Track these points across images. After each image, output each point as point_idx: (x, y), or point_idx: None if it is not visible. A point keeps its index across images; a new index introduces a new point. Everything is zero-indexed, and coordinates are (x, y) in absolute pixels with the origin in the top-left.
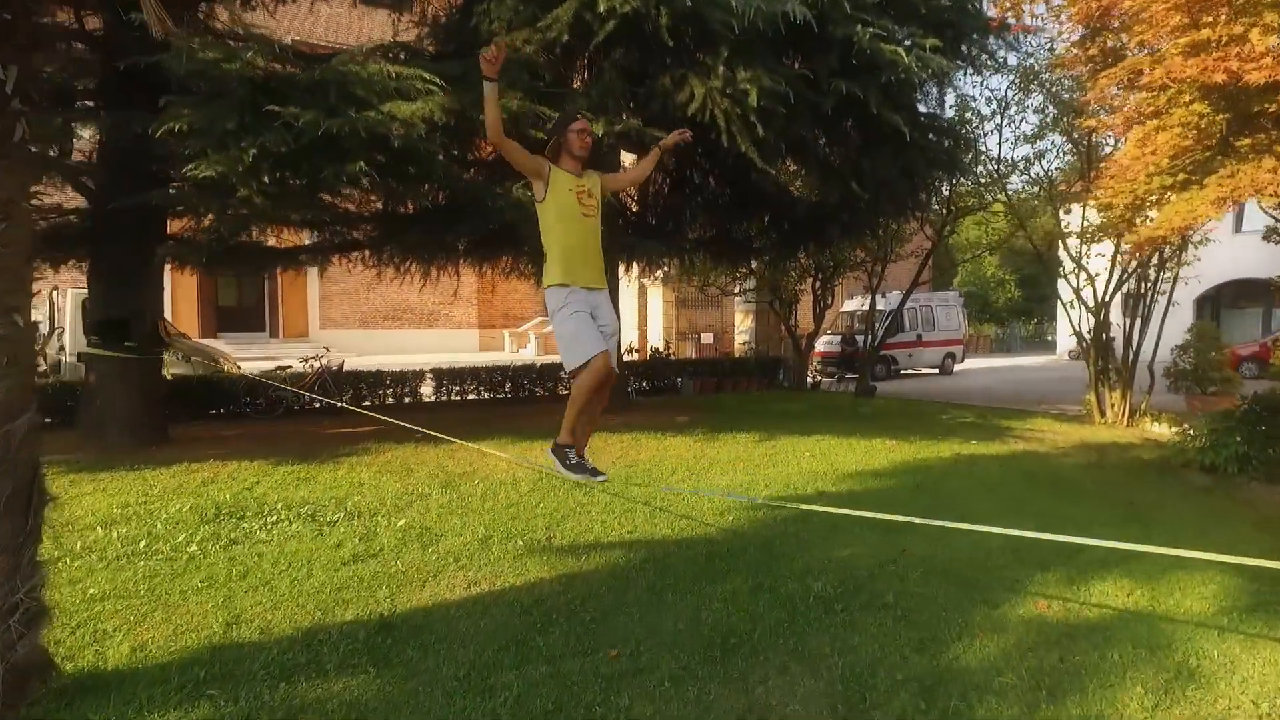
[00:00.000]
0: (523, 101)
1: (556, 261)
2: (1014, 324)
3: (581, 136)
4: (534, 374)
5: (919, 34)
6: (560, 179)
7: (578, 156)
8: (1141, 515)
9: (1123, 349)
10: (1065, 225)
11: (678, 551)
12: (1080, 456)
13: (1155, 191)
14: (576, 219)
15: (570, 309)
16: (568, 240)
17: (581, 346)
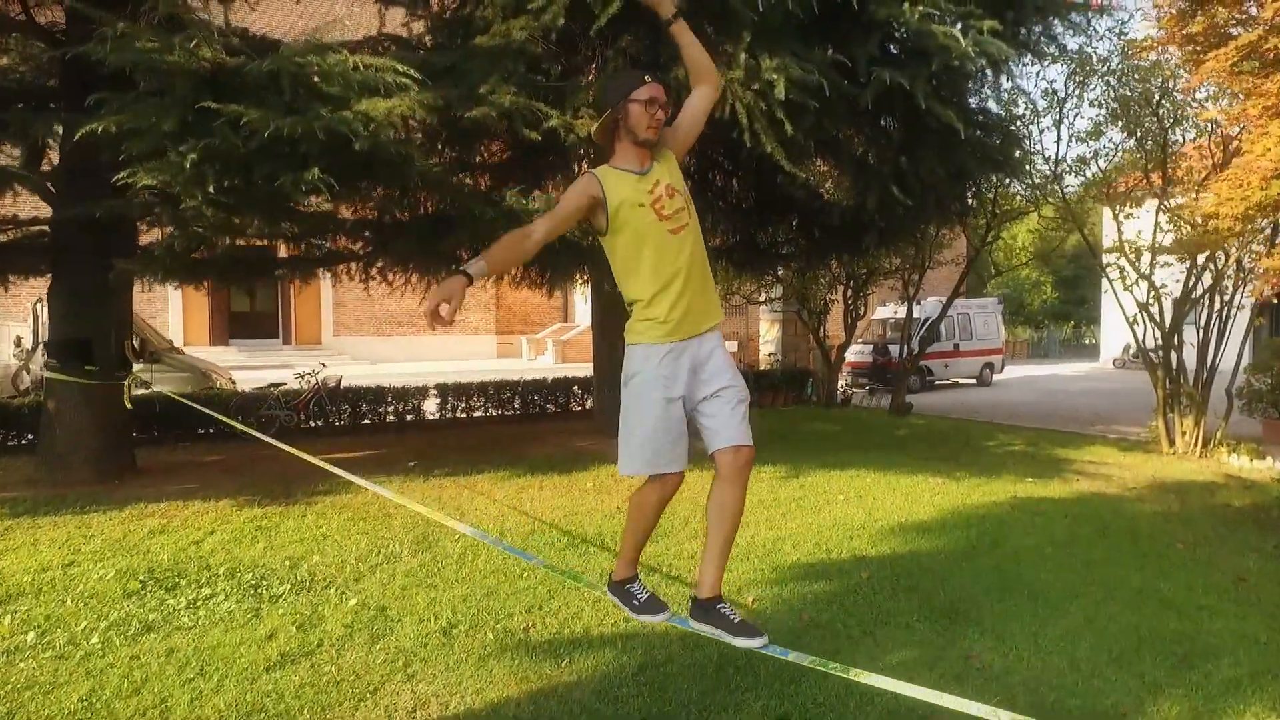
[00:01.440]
0: (517, 97)
1: (642, 309)
2: (1051, 328)
3: (651, 110)
4: (544, 390)
5: (975, 14)
6: (622, 189)
7: (643, 141)
8: (1260, 599)
9: (1195, 369)
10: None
11: (682, 654)
12: (1157, 501)
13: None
14: (664, 241)
15: (650, 387)
16: (659, 276)
17: (652, 452)
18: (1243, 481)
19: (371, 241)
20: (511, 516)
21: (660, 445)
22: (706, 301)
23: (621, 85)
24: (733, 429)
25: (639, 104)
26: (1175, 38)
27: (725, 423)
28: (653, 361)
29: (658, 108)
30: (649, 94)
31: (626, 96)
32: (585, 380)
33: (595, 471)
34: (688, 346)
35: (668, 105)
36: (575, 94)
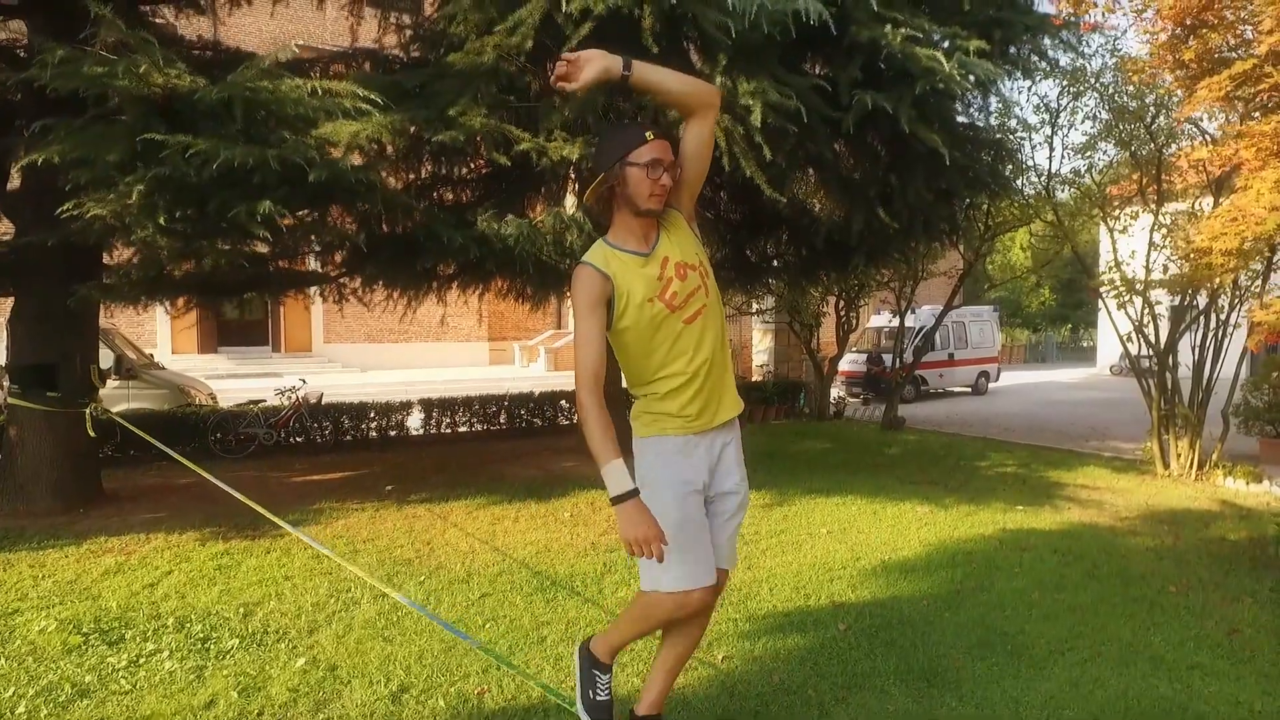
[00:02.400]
0: (487, 119)
1: (655, 401)
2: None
3: (654, 175)
4: (531, 404)
5: (961, 35)
6: (627, 279)
7: (645, 213)
8: (1254, 656)
9: (1191, 389)
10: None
11: None
12: (1151, 534)
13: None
14: (678, 334)
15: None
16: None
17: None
18: (1239, 510)
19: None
20: (482, 553)
21: (693, 554)
22: (726, 391)
23: (617, 144)
24: (728, 547)
25: (638, 168)
26: (1167, 63)
27: (723, 541)
28: (671, 455)
29: (662, 171)
30: (651, 155)
31: (622, 158)
32: (573, 394)
33: (574, 499)
34: (705, 439)
35: (677, 166)
36: (549, 115)
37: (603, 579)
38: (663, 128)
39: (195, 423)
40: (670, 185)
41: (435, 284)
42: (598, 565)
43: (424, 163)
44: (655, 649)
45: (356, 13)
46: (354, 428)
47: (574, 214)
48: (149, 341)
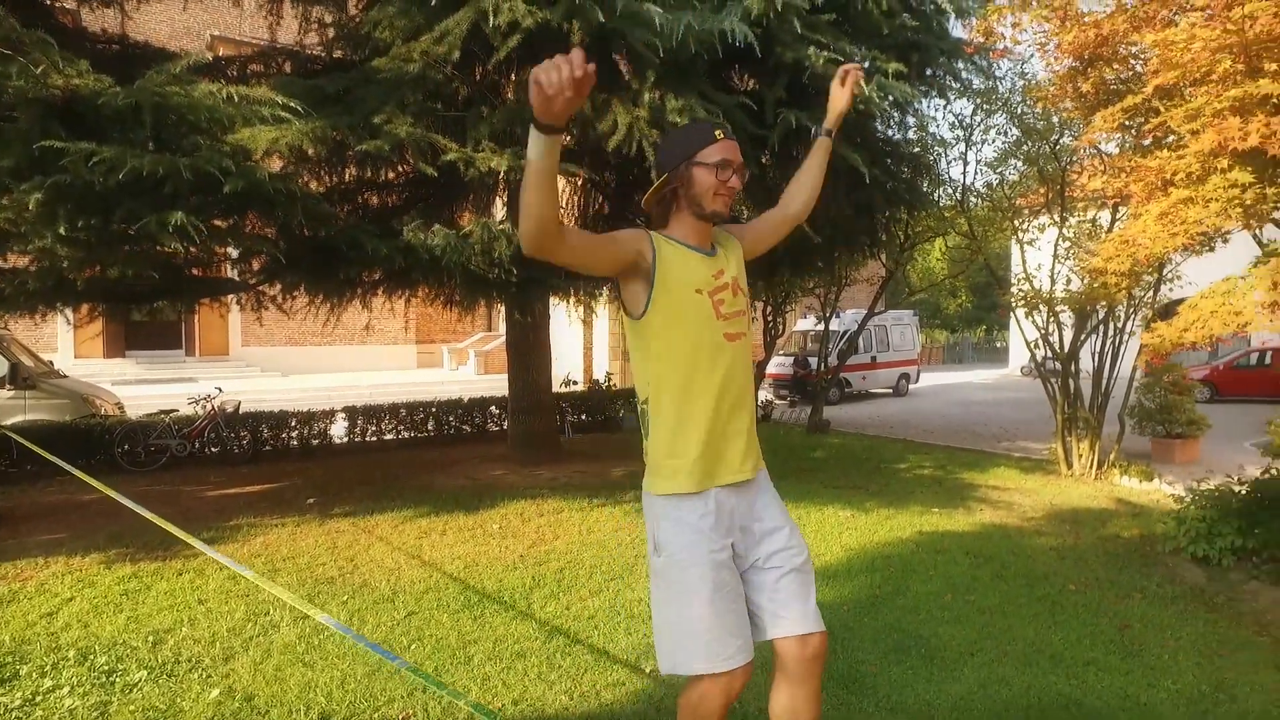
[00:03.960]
0: (414, 128)
1: (669, 432)
2: (965, 333)
3: (724, 175)
4: (460, 410)
5: (880, 58)
6: (679, 264)
7: (707, 216)
8: (1142, 650)
9: (1091, 393)
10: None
11: None
12: (1054, 533)
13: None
14: (716, 346)
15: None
16: (697, 390)
17: (710, 642)
18: (1132, 507)
19: (262, 270)
20: (408, 569)
21: (719, 631)
22: (752, 433)
23: (683, 142)
24: (798, 609)
25: (706, 168)
26: (1067, 92)
27: (787, 601)
28: (687, 519)
29: (731, 172)
30: (721, 154)
31: (690, 158)
32: (502, 400)
33: (503, 510)
34: (735, 494)
35: (744, 169)
36: (477, 124)
37: (531, 593)
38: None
39: (100, 434)
40: (737, 189)
41: (360, 291)
42: (527, 579)
43: (348, 167)
44: None
45: (276, 11)
46: (274, 437)
47: (503, 225)
48: (48, 346)
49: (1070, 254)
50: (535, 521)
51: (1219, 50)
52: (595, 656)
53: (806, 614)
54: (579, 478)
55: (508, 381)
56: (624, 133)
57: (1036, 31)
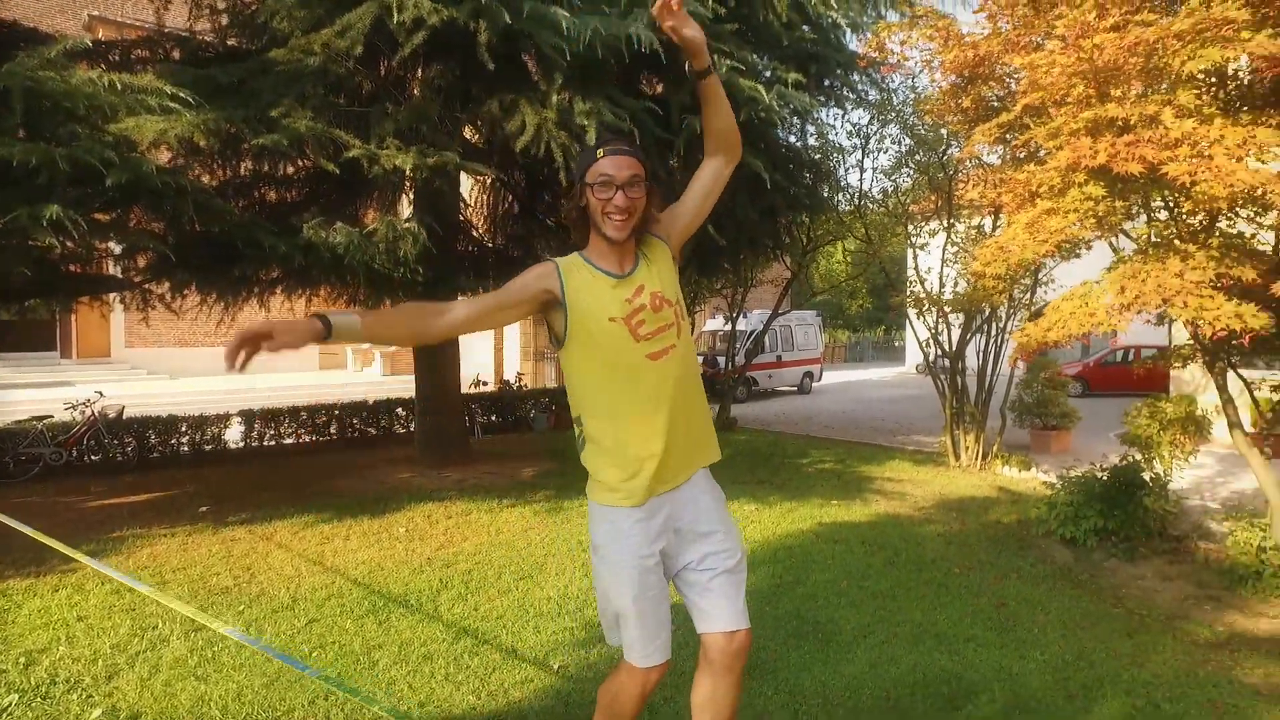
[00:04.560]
0: (314, 123)
1: (603, 454)
2: (865, 332)
3: (605, 195)
4: (365, 412)
5: (781, 68)
6: (589, 293)
7: (612, 238)
8: (1015, 625)
9: (976, 388)
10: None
11: None
12: (942, 521)
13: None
14: (639, 370)
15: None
16: (624, 416)
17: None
18: (1012, 495)
19: (149, 267)
20: (309, 575)
21: (640, 631)
22: (694, 440)
23: (581, 164)
24: (726, 607)
25: (590, 189)
26: (950, 107)
27: (717, 599)
28: (622, 526)
29: (614, 190)
30: (600, 174)
31: (582, 179)
32: (409, 401)
33: (410, 512)
34: (670, 499)
35: (640, 184)
36: (381, 121)
37: (439, 595)
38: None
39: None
40: (626, 206)
41: (257, 290)
42: (434, 581)
43: (243, 160)
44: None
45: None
46: (163, 443)
47: (409, 224)
48: None
49: (957, 258)
50: (443, 524)
51: (1074, 75)
52: (504, 656)
53: (734, 612)
54: (488, 479)
55: (415, 382)
56: (532, 133)
57: (923, 50)
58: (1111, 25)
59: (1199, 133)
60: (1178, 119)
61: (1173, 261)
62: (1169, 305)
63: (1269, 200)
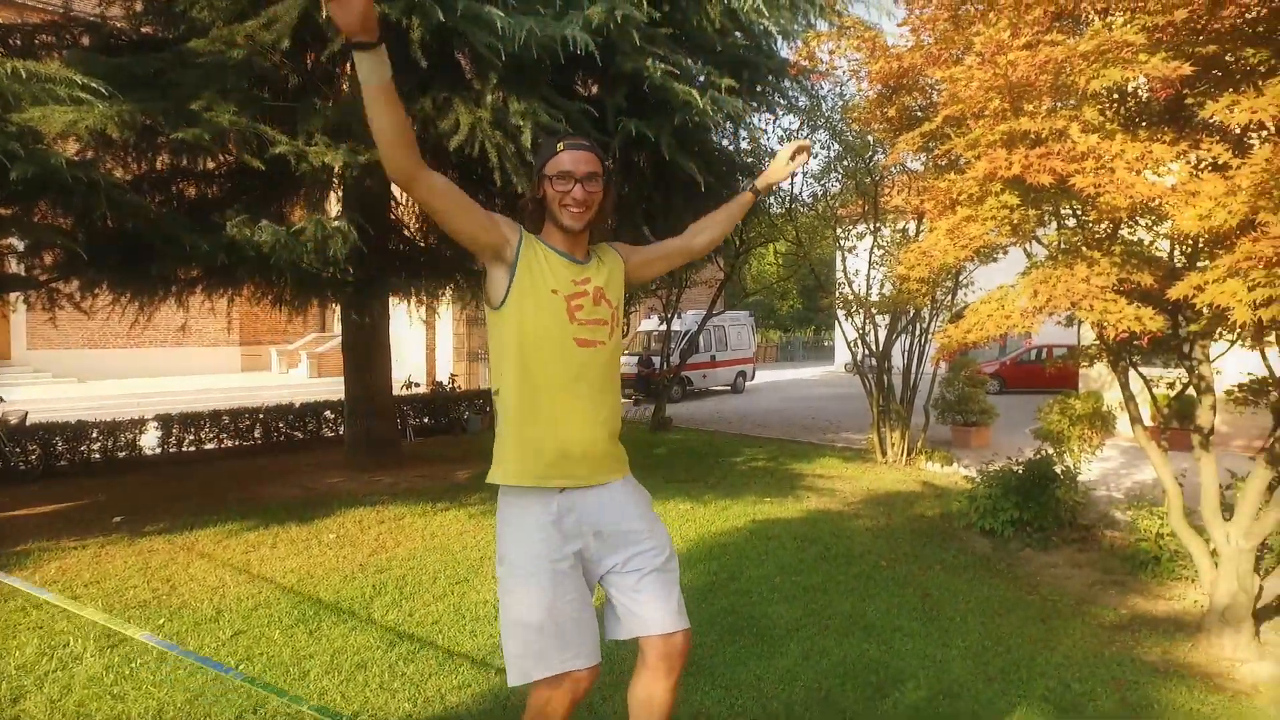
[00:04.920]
0: (238, 117)
1: (518, 437)
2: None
3: (563, 187)
4: (291, 416)
5: (714, 73)
6: (540, 264)
7: (567, 227)
8: (939, 614)
9: (902, 387)
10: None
11: None
12: (870, 516)
13: (954, 265)
14: (564, 348)
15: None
16: (545, 391)
17: (545, 649)
18: (935, 489)
19: (56, 265)
20: (234, 585)
21: (559, 640)
22: (605, 444)
23: (540, 156)
24: (660, 608)
25: (549, 180)
26: (876, 116)
27: (650, 601)
28: (529, 522)
29: (573, 183)
30: (559, 168)
31: (541, 171)
32: (339, 404)
33: (340, 517)
34: (581, 499)
35: (598, 180)
36: (310, 117)
37: (372, 602)
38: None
39: None
40: (583, 199)
41: (174, 289)
42: (366, 588)
43: (160, 154)
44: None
45: None
46: (71, 451)
47: (338, 222)
48: None
49: (884, 261)
50: (375, 529)
51: (990, 90)
52: (440, 660)
53: (669, 613)
54: (421, 482)
55: (344, 384)
56: (466, 133)
57: (851, 59)
58: (1024, 44)
59: (1102, 147)
60: (1084, 134)
61: (1080, 268)
62: (1077, 308)
63: (1164, 211)
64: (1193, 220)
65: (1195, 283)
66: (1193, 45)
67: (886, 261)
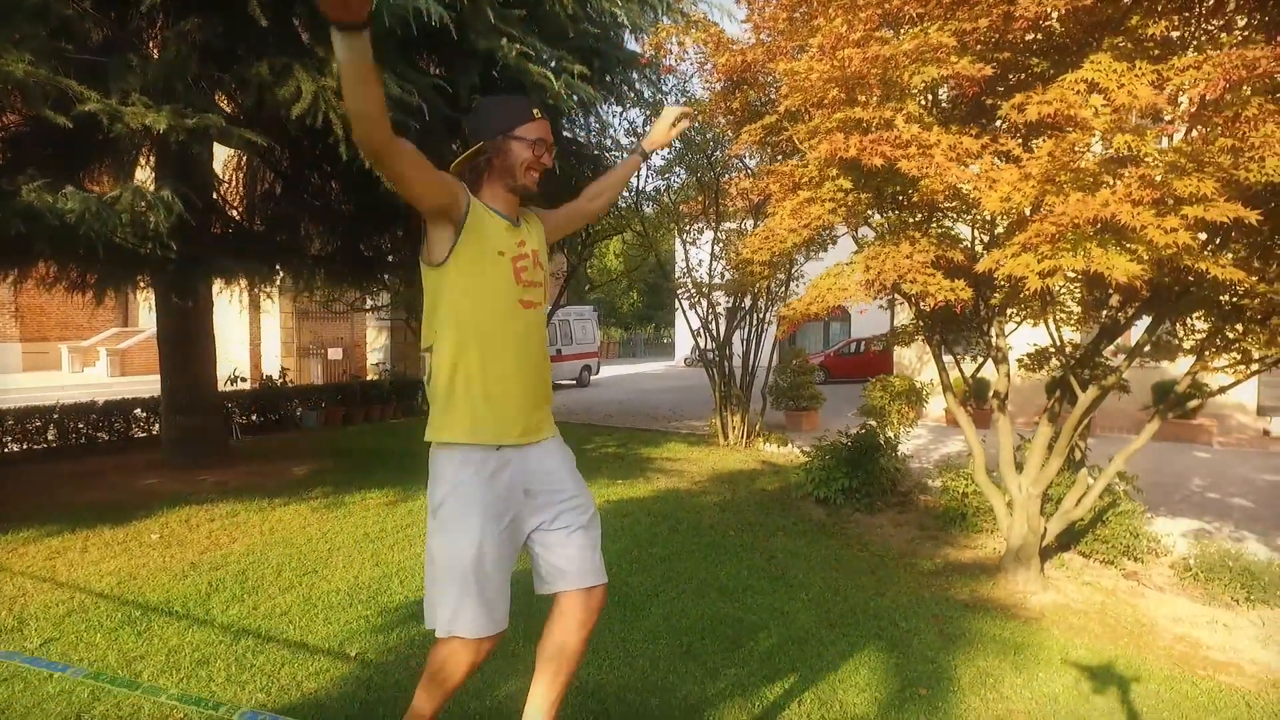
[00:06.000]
0: (34, 67)
1: (457, 394)
2: (637, 330)
3: (538, 152)
4: (93, 415)
5: (567, 58)
6: (486, 226)
7: (517, 188)
8: (784, 573)
9: (741, 374)
10: (698, 263)
11: None
12: (716, 492)
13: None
14: (510, 308)
15: (470, 510)
16: (489, 349)
17: (463, 607)
18: (773, 467)
19: None
20: (38, 594)
21: (481, 600)
22: (541, 401)
23: (502, 115)
24: (585, 563)
25: (524, 143)
26: (721, 108)
27: (575, 556)
28: (471, 471)
29: (544, 150)
30: (538, 133)
31: (508, 131)
32: (151, 401)
33: (163, 518)
34: (516, 458)
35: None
36: (124, 74)
37: (209, 599)
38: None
39: None
40: (549, 165)
41: None
42: (201, 585)
43: None
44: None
45: None
46: None
47: (162, 192)
48: None
49: (724, 253)
50: (206, 527)
51: (829, 82)
52: (292, 650)
53: (592, 569)
54: (254, 480)
55: (160, 378)
56: (309, 101)
57: (697, 53)
58: (858, 40)
59: (922, 136)
60: (907, 124)
61: (904, 246)
62: (903, 281)
63: (971, 199)
64: (996, 202)
65: (997, 258)
66: (993, 52)
67: (726, 253)
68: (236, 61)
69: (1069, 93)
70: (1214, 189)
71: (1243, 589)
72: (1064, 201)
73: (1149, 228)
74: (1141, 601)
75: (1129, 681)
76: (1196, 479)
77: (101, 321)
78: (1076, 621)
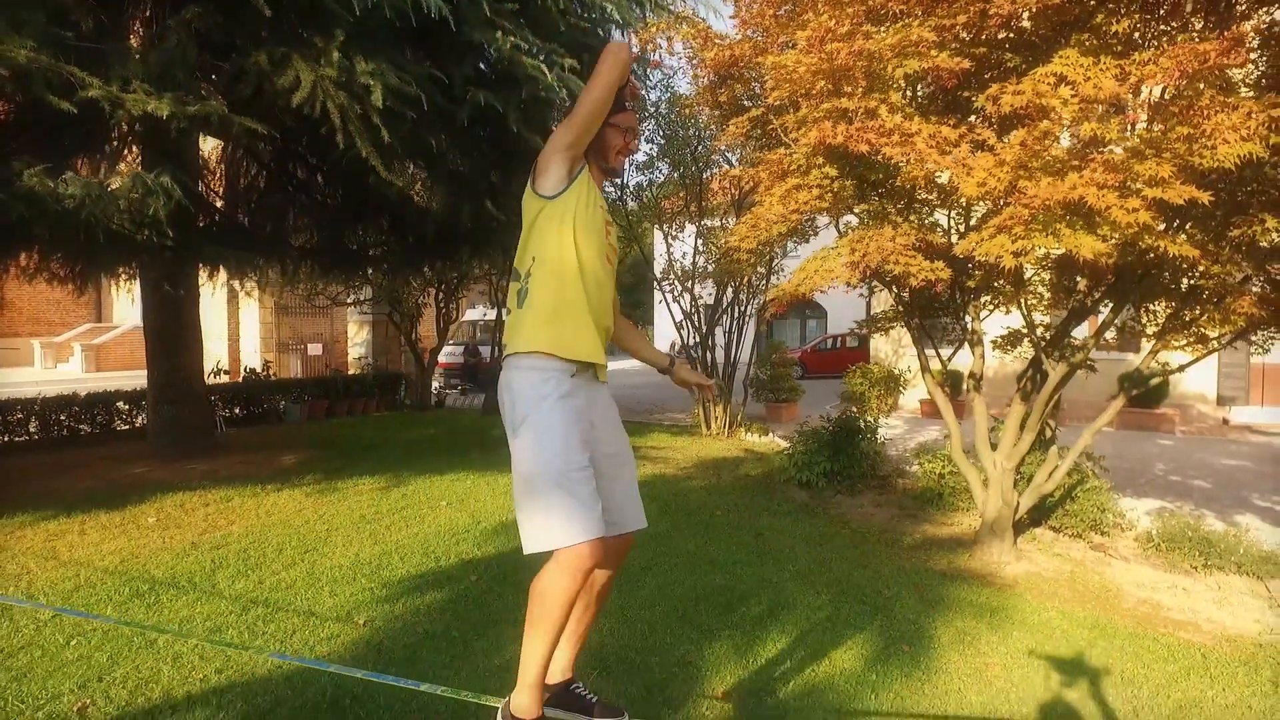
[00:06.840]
0: (36, 54)
1: (565, 307)
2: None
3: (628, 139)
4: (75, 408)
5: (558, 53)
6: (590, 187)
7: (608, 169)
8: (771, 548)
9: (723, 366)
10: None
11: (290, 696)
12: (702, 478)
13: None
14: (603, 253)
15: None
16: (589, 279)
17: (565, 513)
18: (756, 455)
19: None
20: (43, 571)
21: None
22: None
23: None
24: (631, 509)
25: (619, 130)
26: (708, 102)
27: (623, 501)
28: (553, 384)
29: (633, 137)
30: (629, 122)
31: (607, 119)
32: (134, 394)
33: (158, 502)
34: (588, 388)
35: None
36: (124, 62)
37: (214, 574)
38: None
39: None
40: (636, 151)
41: None
42: (204, 562)
43: None
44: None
45: None
46: None
47: (162, 178)
48: None
49: (706, 246)
50: (201, 511)
51: (816, 74)
52: (303, 618)
53: (640, 512)
54: (243, 469)
55: (147, 369)
56: (308, 91)
57: (685, 49)
58: (844, 34)
59: (905, 125)
60: (890, 114)
61: (887, 229)
62: (886, 262)
63: (949, 185)
64: (973, 187)
65: (975, 240)
66: (970, 47)
67: (708, 247)
68: (234, 50)
69: (1040, 85)
70: (1171, 172)
71: (1200, 556)
72: (1035, 185)
73: (1113, 208)
74: (1108, 570)
75: (1096, 638)
76: (1160, 464)
77: (74, 317)
78: (1047, 588)
